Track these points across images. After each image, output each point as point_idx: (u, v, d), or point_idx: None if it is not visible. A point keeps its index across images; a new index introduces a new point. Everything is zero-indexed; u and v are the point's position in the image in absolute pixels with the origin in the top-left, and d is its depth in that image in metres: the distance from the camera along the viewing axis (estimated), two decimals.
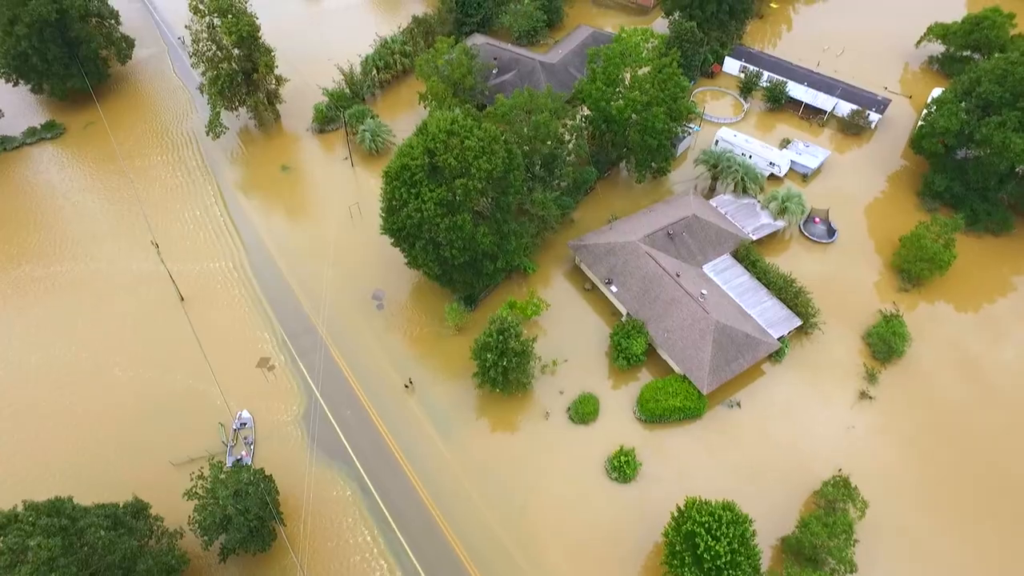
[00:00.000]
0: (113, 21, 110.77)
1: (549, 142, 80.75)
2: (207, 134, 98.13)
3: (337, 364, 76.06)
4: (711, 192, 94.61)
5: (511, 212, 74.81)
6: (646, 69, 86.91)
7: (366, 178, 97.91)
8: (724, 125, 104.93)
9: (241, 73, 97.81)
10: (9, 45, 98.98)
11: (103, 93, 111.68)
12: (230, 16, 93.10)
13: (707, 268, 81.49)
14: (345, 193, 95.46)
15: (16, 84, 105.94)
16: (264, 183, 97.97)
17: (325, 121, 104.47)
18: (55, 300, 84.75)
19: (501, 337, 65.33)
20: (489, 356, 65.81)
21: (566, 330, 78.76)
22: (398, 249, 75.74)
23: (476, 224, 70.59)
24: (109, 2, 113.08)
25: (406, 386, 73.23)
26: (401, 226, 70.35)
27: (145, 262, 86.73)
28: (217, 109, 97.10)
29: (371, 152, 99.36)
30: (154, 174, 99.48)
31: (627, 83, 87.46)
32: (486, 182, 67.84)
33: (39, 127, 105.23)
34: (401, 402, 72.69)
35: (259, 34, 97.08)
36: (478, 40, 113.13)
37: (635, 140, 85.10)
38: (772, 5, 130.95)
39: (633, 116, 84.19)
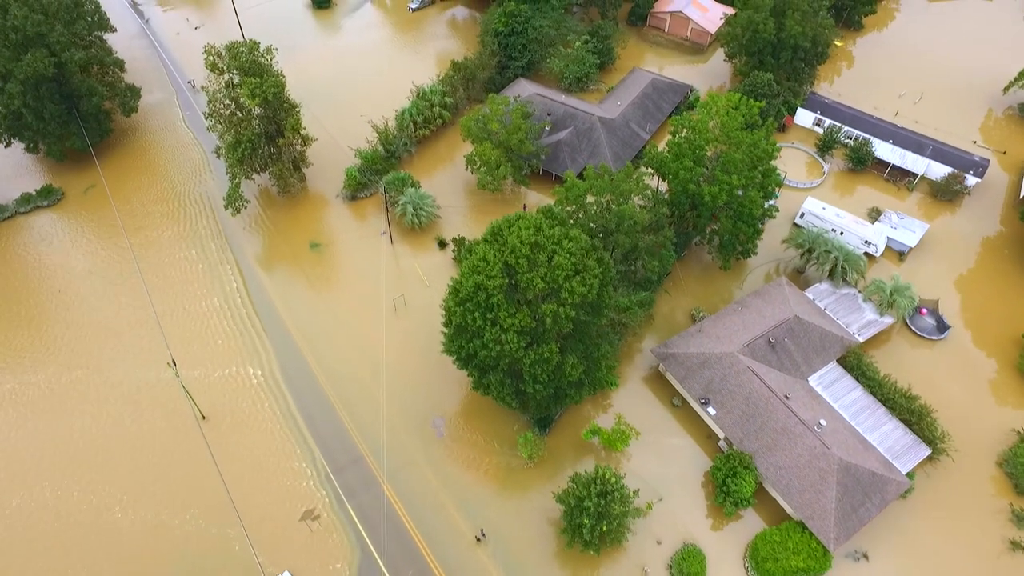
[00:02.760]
0: (117, 70, 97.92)
1: (633, 234, 69.50)
2: (225, 208, 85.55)
3: (393, 507, 64.48)
4: (798, 275, 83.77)
5: (602, 334, 63.53)
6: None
7: (407, 257, 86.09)
8: (806, 191, 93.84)
9: (264, 136, 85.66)
10: (1, 104, 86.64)
11: (106, 151, 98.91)
12: (251, 75, 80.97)
13: (813, 381, 70.54)
14: (386, 277, 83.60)
15: (8, 144, 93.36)
16: (291, 263, 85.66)
17: (357, 188, 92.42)
18: (40, 420, 70.54)
19: (602, 501, 54.10)
20: (587, 522, 54.55)
21: (656, 457, 67.60)
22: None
23: (563, 352, 59.17)
24: (113, 46, 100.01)
25: (478, 539, 61.87)
26: (472, 354, 58.95)
27: (153, 368, 74.27)
28: (237, 180, 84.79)
29: (412, 227, 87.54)
30: (164, 250, 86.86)
31: (711, 156, 76.47)
32: (579, 308, 56.54)
33: (34, 193, 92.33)
34: (472, 557, 61.20)
35: (285, 90, 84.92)
36: (525, 88, 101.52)
37: (726, 227, 74.09)
38: (836, 43, 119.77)
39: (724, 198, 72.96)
